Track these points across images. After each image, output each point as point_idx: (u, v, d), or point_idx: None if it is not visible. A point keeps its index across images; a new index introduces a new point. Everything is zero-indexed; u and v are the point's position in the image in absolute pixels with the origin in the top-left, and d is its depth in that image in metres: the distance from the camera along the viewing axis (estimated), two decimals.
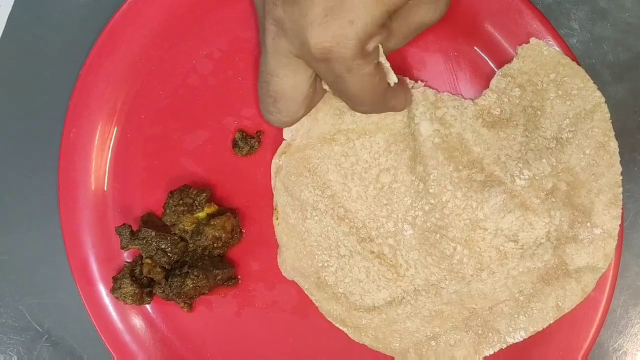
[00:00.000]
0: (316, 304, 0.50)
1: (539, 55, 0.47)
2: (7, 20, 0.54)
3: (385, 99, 0.41)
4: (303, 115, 0.44)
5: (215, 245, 0.50)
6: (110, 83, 0.51)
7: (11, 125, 0.54)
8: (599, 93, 0.46)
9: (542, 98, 0.47)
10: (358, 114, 0.48)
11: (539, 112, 0.47)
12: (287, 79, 0.40)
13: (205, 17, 0.51)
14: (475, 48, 0.49)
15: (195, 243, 0.50)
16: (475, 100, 0.48)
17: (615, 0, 0.50)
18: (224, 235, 0.49)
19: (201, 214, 0.50)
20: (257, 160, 0.51)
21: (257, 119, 0.51)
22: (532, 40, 0.47)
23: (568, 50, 0.47)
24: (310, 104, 0.44)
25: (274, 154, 0.51)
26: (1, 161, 0.55)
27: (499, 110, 0.47)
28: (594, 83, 0.46)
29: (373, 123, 0.48)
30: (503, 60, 0.48)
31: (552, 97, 0.47)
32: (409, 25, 0.41)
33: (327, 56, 0.36)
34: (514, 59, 0.47)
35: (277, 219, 0.50)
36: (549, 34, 0.47)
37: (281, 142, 0.50)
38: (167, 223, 0.50)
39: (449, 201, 0.47)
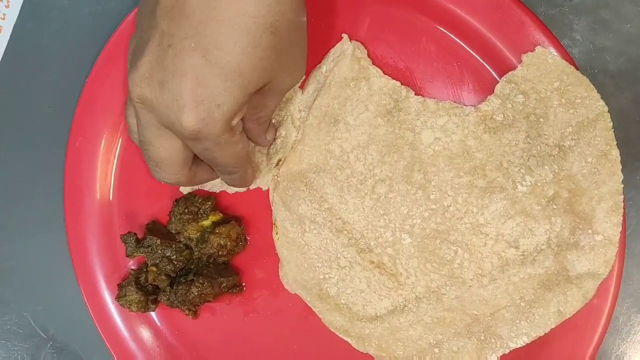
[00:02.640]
0: (319, 316, 0.50)
1: (544, 64, 0.47)
2: (12, 30, 0.55)
3: (246, 164, 0.45)
4: (189, 174, 0.44)
5: (220, 253, 0.50)
6: (116, 92, 0.51)
7: (17, 134, 0.55)
8: (602, 102, 0.46)
9: (545, 105, 0.47)
10: (351, 122, 0.49)
11: (541, 120, 0.47)
12: (163, 148, 0.42)
13: None
14: (479, 58, 0.49)
15: (201, 251, 0.50)
16: (479, 106, 0.48)
17: (617, 11, 0.50)
18: (229, 243, 0.50)
19: (206, 222, 0.50)
20: None
21: None
22: (538, 48, 0.47)
23: (570, 61, 0.47)
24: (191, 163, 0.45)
25: None
26: (7, 169, 0.55)
27: (502, 116, 0.48)
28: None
29: (365, 133, 0.49)
30: (506, 70, 0.48)
31: (555, 105, 0.47)
32: (273, 96, 0.44)
33: (197, 136, 0.39)
34: (519, 66, 0.48)
35: (276, 233, 0.51)
36: (551, 45, 0.47)
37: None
38: (173, 231, 0.51)
39: (450, 205, 0.48)
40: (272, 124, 0.49)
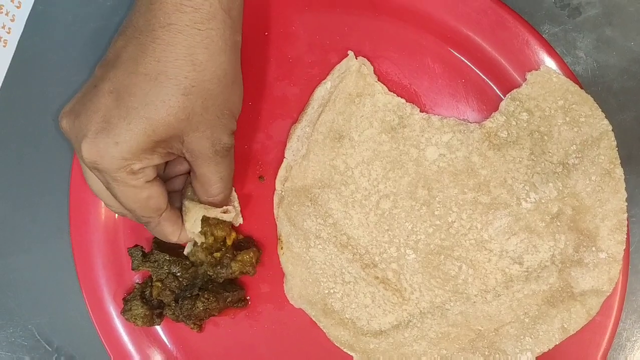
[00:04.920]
0: (324, 330, 0.50)
1: (548, 82, 0.47)
2: (17, 43, 0.55)
3: (157, 217, 0.46)
4: (124, 210, 0.46)
5: (239, 278, 0.50)
6: None
7: (22, 147, 0.55)
8: (606, 121, 0.47)
9: (549, 123, 0.47)
10: (355, 138, 0.49)
11: (545, 137, 0.47)
12: (90, 179, 0.46)
13: None
14: (483, 76, 0.50)
15: (218, 275, 0.49)
16: (483, 123, 0.48)
17: (621, 29, 0.51)
18: (251, 270, 0.50)
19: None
20: (267, 186, 0.52)
21: (266, 142, 0.52)
22: (543, 67, 0.48)
23: (574, 79, 0.48)
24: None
25: None
26: (12, 181, 0.55)
27: (506, 133, 0.48)
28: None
29: (370, 149, 0.49)
30: (510, 88, 0.48)
31: (559, 123, 0.47)
32: (203, 160, 0.45)
33: (94, 166, 0.42)
34: (523, 84, 0.48)
35: (281, 248, 0.51)
36: (555, 63, 0.48)
37: None
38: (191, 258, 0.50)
39: (454, 221, 0.48)
40: (233, 195, 0.50)
